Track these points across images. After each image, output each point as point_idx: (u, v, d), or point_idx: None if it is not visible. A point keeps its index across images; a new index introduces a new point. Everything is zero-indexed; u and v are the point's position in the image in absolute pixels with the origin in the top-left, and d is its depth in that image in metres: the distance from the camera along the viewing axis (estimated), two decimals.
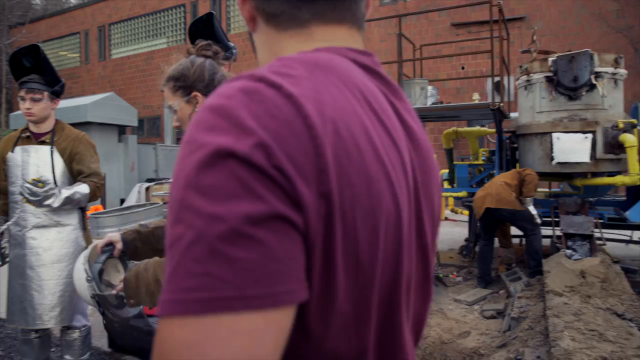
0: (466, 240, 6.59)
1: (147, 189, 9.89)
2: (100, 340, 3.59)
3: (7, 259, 2.76)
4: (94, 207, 7.28)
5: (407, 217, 0.51)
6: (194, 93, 1.43)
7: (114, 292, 1.46)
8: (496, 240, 5.41)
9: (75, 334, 2.81)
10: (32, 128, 2.72)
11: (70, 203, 2.61)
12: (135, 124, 11.81)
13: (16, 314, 2.65)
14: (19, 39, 20.20)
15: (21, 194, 2.51)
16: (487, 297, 4.75)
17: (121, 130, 11.61)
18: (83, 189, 2.65)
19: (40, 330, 2.79)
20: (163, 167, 12.70)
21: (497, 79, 5.91)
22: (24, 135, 2.72)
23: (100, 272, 1.48)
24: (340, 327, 0.47)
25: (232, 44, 2.43)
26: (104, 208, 8.07)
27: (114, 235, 1.59)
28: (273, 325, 0.40)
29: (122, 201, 9.91)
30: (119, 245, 1.58)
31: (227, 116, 0.42)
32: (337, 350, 0.48)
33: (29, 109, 2.62)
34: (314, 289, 0.44)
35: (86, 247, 2.79)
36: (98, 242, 1.57)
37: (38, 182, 2.47)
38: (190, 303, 0.38)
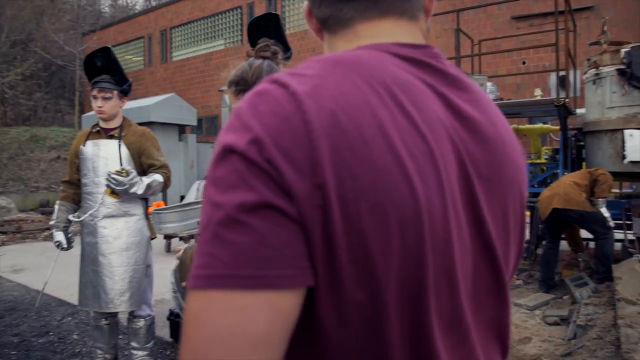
0: (527, 242, 6.32)
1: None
2: (163, 330, 3.76)
3: (72, 244, 2.96)
4: (156, 203, 7.64)
5: (441, 213, 0.49)
6: None
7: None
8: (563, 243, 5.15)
9: (141, 323, 2.97)
10: (102, 124, 2.90)
11: (149, 190, 2.80)
12: (195, 123, 12.25)
13: (89, 298, 2.83)
14: (90, 45, 21.51)
15: (107, 185, 2.70)
16: (549, 303, 4.53)
17: (181, 129, 12.09)
18: (158, 178, 2.85)
19: (110, 317, 2.97)
20: None
21: (562, 73, 5.61)
22: (94, 130, 2.91)
23: None
24: (356, 317, 0.47)
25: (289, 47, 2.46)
26: (166, 204, 8.44)
27: None
28: (267, 306, 0.43)
29: (182, 198, 10.31)
30: None
31: (239, 117, 0.47)
32: (355, 342, 0.48)
33: (100, 107, 2.80)
34: (320, 276, 0.45)
35: (150, 237, 2.98)
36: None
37: (122, 172, 2.66)
38: (199, 278, 0.44)
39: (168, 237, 6.89)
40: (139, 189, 2.74)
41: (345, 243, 0.45)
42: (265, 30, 2.33)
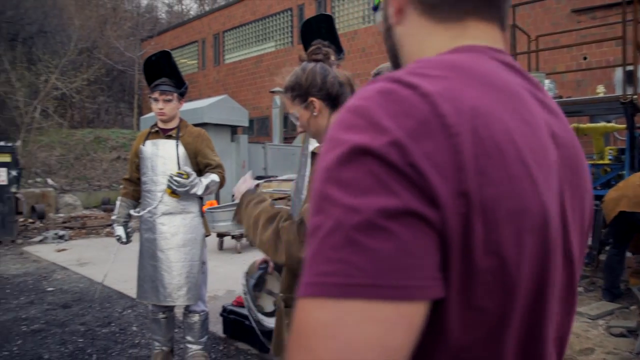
0: (589, 247, 6.00)
1: (257, 185, 10.45)
2: (216, 326, 3.87)
3: (131, 239, 3.10)
4: (209, 202, 7.87)
5: (555, 221, 0.48)
6: (310, 99, 1.46)
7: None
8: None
9: (196, 318, 3.06)
10: (161, 125, 3.02)
11: (207, 190, 2.91)
12: (247, 124, 12.52)
13: (148, 291, 2.96)
14: (148, 50, 22.48)
15: (169, 186, 2.83)
16: (614, 312, 4.27)
17: (233, 130, 12.39)
18: (215, 178, 2.95)
19: (167, 311, 3.09)
20: (271, 165, 13.30)
21: (629, 68, 5.28)
22: (153, 130, 3.04)
23: (260, 284, 1.67)
24: (480, 326, 0.46)
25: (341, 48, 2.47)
26: (218, 203, 8.68)
27: None
28: (404, 319, 0.41)
29: (233, 197, 10.56)
30: (272, 263, 1.78)
31: (364, 116, 0.44)
32: (473, 352, 0.47)
33: (161, 109, 2.91)
34: (452, 287, 0.43)
35: (205, 234, 3.08)
36: (257, 259, 1.75)
37: (182, 175, 2.78)
38: (329, 286, 0.41)
39: (220, 236, 7.08)
40: (199, 190, 2.85)
41: (482, 251, 0.44)
42: (318, 31, 2.36)
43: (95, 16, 21.37)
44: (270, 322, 1.70)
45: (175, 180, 2.79)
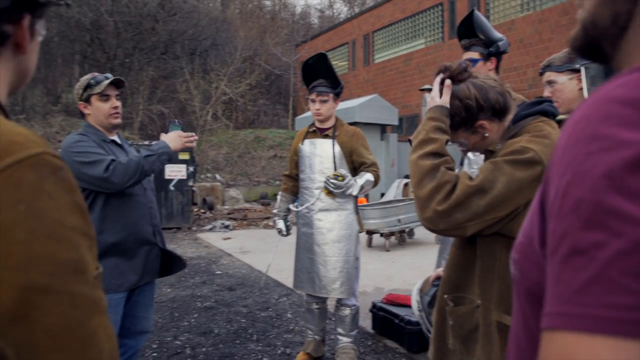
0: None
1: (406, 184, 10.36)
2: (365, 321, 3.91)
3: (290, 232, 3.28)
4: (359, 200, 8.03)
5: None
6: (478, 123, 1.38)
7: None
8: None
9: (347, 311, 3.13)
10: (318, 125, 3.14)
11: (362, 190, 2.98)
12: (396, 122, 12.50)
13: (304, 282, 3.11)
14: (302, 54, 23.88)
15: (325, 187, 2.95)
16: None
17: (383, 129, 12.47)
18: (369, 177, 2.99)
19: (320, 302, 3.21)
20: None
21: None
22: (311, 129, 3.17)
23: (434, 300, 1.63)
24: None
25: (499, 36, 2.30)
26: (367, 201, 8.81)
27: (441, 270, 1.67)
28: None
29: (382, 195, 10.63)
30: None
31: None
32: None
33: (318, 109, 3.03)
34: None
35: (359, 231, 3.13)
36: (430, 276, 1.69)
37: (338, 177, 2.89)
38: (630, 324, 0.33)
39: (370, 233, 7.17)
40: (354, 191, 2.93)
41: None
42: (467, 29, 2.29)
43: (256, 27, 23.42)
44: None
45: (332, 183, 2.90)
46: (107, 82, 2.18)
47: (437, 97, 1.38)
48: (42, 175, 0.56)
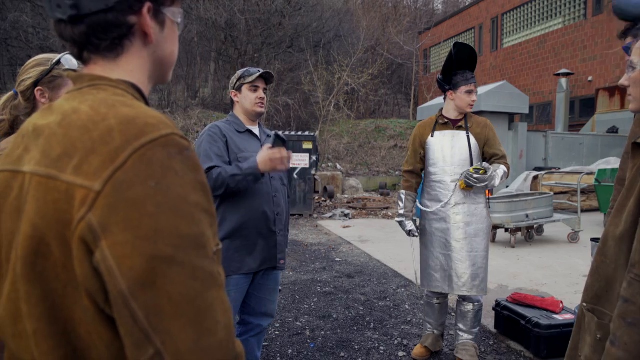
0: None
1: (535, 177, 9.58)
2: (487, 319, 3.74)
3: (418, 232, 3.14)
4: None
5: None
6: None
7: None
8: None
9: (470, 307, 3.03)
10: (451, 116, 3.02)
11: (500, 181, 2.88)
12: (526, 111, 11.59)
13: (439, 281, 2.99)
14: (425, 42, 23.21)
15: (466, 182, 2.85)
16: None
17: (511, 118, 11.65)
18: (503, 169, 2.89)
19: (441, 297, 3.15)
20: (553, 156, 11.98)
21: None
22: (441, 122, 3.05)
23: None
24: None
25: None
26: (491, 194, 8.33)
27: None
28: None
29: (507, 188, 9.95)
30: None
31: None
32: None
33: (475, 100, 2.96)
34: None
35: (491, 224, 3.02)
36: None
37: (479, 170, 2.80)
38: None
39: (494, 228, 6.79)
40: (496, 182, 2.84)
41: None
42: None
43: (378, 16, 23.28)
44: None
45: (476, 179, 2.79)
46: (258, 74, 2.37)
47: None
48: (171, 154, 0.62)
